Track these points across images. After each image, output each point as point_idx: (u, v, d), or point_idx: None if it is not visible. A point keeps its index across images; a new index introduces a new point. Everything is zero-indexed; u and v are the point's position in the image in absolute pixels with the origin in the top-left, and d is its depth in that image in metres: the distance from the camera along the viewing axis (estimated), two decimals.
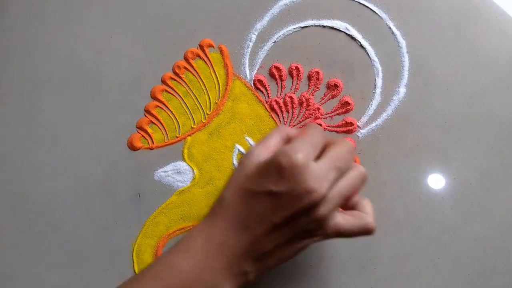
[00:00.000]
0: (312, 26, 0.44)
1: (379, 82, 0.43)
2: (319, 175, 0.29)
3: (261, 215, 0.30)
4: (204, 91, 0.45)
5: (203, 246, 0.30)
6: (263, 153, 0.32)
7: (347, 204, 0.34)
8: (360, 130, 0.42)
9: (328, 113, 0.43)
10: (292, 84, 0.44)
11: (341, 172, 0.31)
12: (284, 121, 0.43)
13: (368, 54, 0.43)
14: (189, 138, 0.44)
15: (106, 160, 0.45)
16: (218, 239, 0.30)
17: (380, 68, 0.43)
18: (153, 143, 0.45)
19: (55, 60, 0.47)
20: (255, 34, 0.45)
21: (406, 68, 0.43)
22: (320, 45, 0.44)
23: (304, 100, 0.43)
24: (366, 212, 0.33)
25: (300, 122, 0.43)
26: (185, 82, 0.45)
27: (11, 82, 0.47)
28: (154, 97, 0.45)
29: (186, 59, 0.45)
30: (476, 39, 0.43)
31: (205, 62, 0.45)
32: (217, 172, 0.43)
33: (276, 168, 0.29)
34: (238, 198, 0.30)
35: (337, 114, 0.43)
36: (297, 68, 0.44)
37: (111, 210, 0.44)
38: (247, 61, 0.45)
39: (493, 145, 0.41)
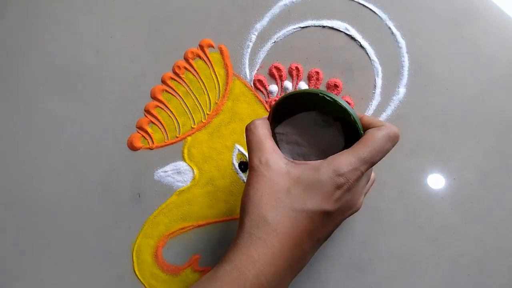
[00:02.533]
0: (312, 26, 0.44)
1: (379, 82, 0.43)
2: (362, 185, 0.31)
3: (311, 232, 0.29)
4: (204, 91, 0.45)
5: (249, 274, 0.28)
6: (283, 164, 0.30)
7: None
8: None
9: None
10: (292, 84, 0.44)
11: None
12: None
13: (368, 54, 0.43)
14: (189, 138, 0.44)
15: (106, 160, 0.45)
16: (265, 266, 0.28)
17: (380, 68, 0.43)
18: (153, 143, 0.45)
19: (55, 60, 0.47)
20: (255, 34, 0.45)
21: (406, 68, 0.43)
22: (320, 45, 0.44)
23: None
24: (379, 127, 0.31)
25: None
26: (185, 82, 0.45)
27: (11, 82, 0.47)
28: (154, 97, 0.45)
29: (186, 59, 0.45)
30: (476, 39, 0.43)
31: (205, 62, 0.45)
32: (217, 172, 0.43)
33: (330, 187, 0.29)
34: (288, 220, 0.29)
35: None
36: (297, 68, 0.44)
37: (111, 210, 0.44)
38: (247, 61, 0.45)
39: (493, 145, 0.41)
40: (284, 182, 0.29)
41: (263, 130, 0.32)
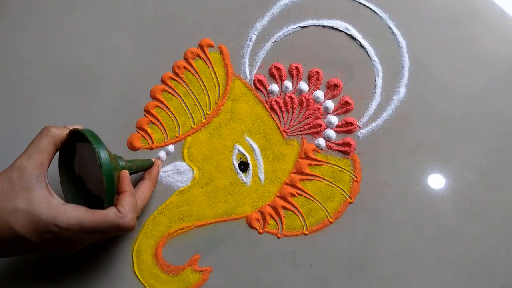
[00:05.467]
0: (312, 26, 0.44)
1: (379, 82, 0.43)
2: (77, 238, 0.35)
3: (9, 242, 0.33)
4: (204, 91, 0.45)
5: None
6: (34, 180, 0.33)
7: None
8: (360, 130, 0.42)
9: (328, 113, 0.43)
10: (292, 84, 0.44)
11: None
12: (284, 121, 0.43)
13: (368, 54, 0.43)
14: (189, 138, 0.44)
15: None
16: None
17: (380, 68, 0.43)
18: (153, 143, 0.45)
19: (55, 60, 0.47)
20: (255, 34, 0.45)
21: (406, 68, 0.43)
22: (320, 45, 0.44)
23: (304, 100, 0.43)
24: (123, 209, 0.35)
25: (300, 122, 0.43)
26: (185, 82, 0.45)
27: (11, 82, 0.47)
28: (154, 97, 0.45)
29: (186, 59, 0.45)
30: (476, 39, 0.43)
31: (205, 62, 0.45)
32: (217, 172, 0.43)
33: (42, 226, 0.32)
34: (33, 234, 0.32)
35: (337, 114, 0.43)
36: (297, 68, 0.44)
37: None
38: (247, 61, 0.45)
39: (493, 145, 0.41)
40: (18, 198, 0.32)
41: (50, 147, 0.34)
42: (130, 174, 0.39)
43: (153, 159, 0.43)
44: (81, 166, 0.38)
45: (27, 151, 0.34)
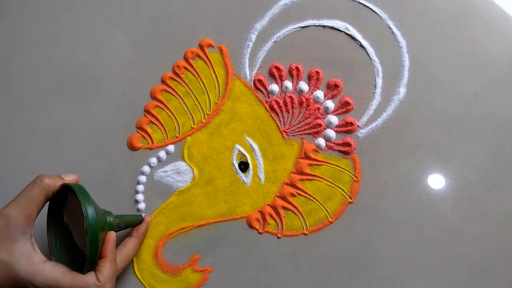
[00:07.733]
0: (312, 26, 0.44)
1: (379, 82, 0.43)
2: None
3: None
4: (204, 91, 0.45)
5: None
6: (19, 230, 0.34)
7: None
8: (360, 130, 0.42)
9: (328, 113, 0.43)
10: (292, 84, 0.44)
11: None
12: (284, 121, 0.43)
13: (368, 54, 0.43)
14: (189, 138, 0.44)
15: (105, 160, 0.45)
16: None
17: (380, 68, 0.43)
18: (152, 143, 0.45)
19: (55, 60, 0.47)
20: (255, 34, 0.45)
21: (406, 68, 0.43)
22: (320, 45, 0.44)
23: (304, 100, 0.43)
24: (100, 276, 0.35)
25: (300, 122, 0.43)
26: (185, 82, 0.45)
27: (11, 82, 0.47)
28: (154, 97, 0.45)
29: (186, 59, 0.45)
30: (476, 39, 0.43)
31: (205, 62, 0.45)
32: (217, 172, 0.43)
33: (25, 278, 0.33)
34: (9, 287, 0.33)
35: (337, 114, 0.43)
36: (297, 68, 0.44)
37: (111, 210, 0.44)
38: (247, 61, 0.45)
39: (493, 145, 0.41)
40: (0, 248, 0.33)
41: (41, 197, 0.35)
42: (118, 230, 0.38)
43: (143, 215, 0.42)
44: (69, 215, 0.37)
45: (17, 199, 0.34)
